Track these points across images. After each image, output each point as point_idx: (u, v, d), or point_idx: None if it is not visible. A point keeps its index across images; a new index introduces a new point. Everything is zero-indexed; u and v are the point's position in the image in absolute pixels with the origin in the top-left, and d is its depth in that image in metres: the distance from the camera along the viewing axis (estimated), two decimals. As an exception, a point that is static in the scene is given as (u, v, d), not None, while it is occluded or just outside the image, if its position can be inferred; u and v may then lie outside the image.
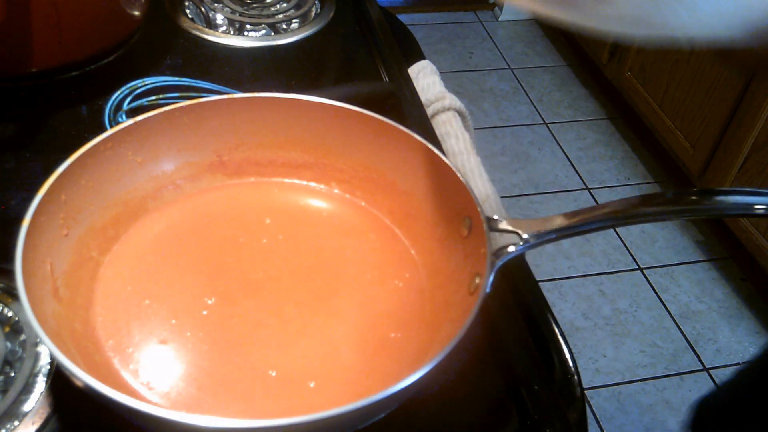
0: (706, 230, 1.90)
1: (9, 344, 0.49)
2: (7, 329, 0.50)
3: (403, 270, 0.54)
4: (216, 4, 0.89)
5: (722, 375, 1.58)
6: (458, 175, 0.51)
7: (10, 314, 0.51)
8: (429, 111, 0.80)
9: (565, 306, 1.71)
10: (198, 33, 0.83)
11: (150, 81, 0.71)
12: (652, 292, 1.75)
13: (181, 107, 0.55)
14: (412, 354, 0.48)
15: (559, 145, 2.18)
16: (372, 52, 0.84)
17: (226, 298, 0.51)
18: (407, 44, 0.93)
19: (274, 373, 0.47)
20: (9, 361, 0.48)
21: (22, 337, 0.50)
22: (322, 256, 0.55)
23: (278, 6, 0.91)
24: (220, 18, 0.88)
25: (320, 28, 0.86)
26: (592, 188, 2.03)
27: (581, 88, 2.42)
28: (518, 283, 0.58)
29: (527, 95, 2.37)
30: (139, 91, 0.70)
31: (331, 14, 0.90)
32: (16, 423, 0.45)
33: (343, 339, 0.49)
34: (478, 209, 0.48)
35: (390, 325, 0.50)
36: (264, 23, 0.87)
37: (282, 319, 0.50)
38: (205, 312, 0.50)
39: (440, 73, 0.89)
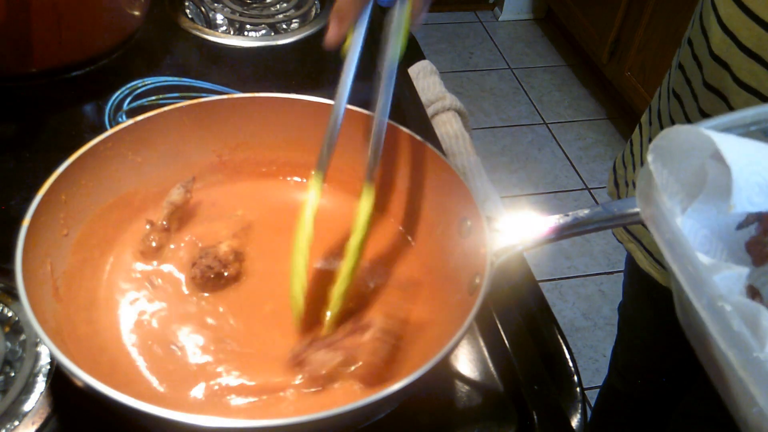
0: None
1: (9, 344, 0.49)
2: (7, 329, 0.50)
3: (404, 269, 0.54)
4: (216, 4, 0.89)
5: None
6: (458, 175, 0.51)
7: (10, 314, 0.51)
8: (429, 111, 0.80)
9: (565, 306, 1.71)
10: (198, 33, 0.83)
11: (150, 81, 0.71)
12: (652, 292, 1.75)
13: (181, 107, 0.55)
14: (412, 353, 0.48)
15: (559, 145, 2.18)
16: (372, 52, 0.84)
17: (230, 295, 0.51)
18: (407, 44, 0.93)
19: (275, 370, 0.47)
20: (9, 361, 0.48)
21: (22, 337, 0.50)
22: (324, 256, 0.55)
23: (278, 6, 0.91)
24: (220, 18, 0.88)
25: (320, 28, 0.86)
26: (592, 188, 2.03)
27: (581, 88, 2.42)
28: (518, 283, 0.58)
29: (527, 95, 2.37)
30: (139, 91, 0.70)
31: (331, 14, 0.90)
32: (16, 423, 0.45)
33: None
34: (478, 209, 0.48)
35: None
36: (264, 23, 0.87)
37: (284, 315, 0.50)
38: (208, 310, 0.50)
39: (440, 73, 0.89)
